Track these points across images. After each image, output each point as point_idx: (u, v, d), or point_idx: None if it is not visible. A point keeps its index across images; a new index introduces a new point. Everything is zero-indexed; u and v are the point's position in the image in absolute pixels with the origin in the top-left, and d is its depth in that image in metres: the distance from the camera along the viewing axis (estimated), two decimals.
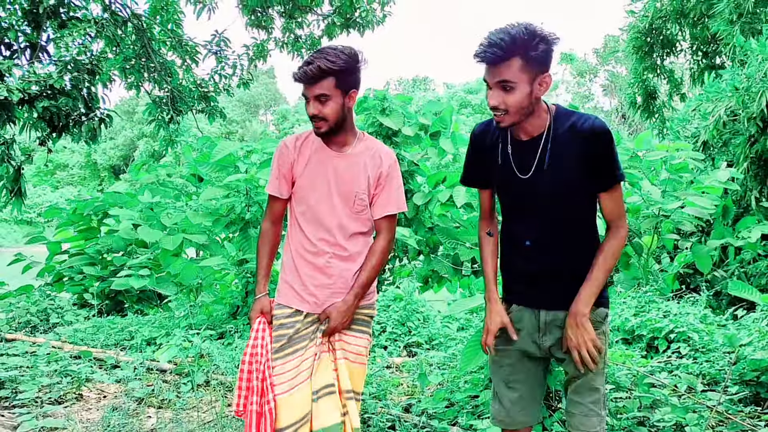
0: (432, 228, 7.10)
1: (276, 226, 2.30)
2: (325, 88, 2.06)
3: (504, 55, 1.73)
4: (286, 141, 2.25)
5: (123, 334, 5.38)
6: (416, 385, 3.86)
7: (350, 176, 2.18)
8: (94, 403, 3.98)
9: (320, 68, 2.03)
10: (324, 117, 2.09)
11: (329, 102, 2.08)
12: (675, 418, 2.83)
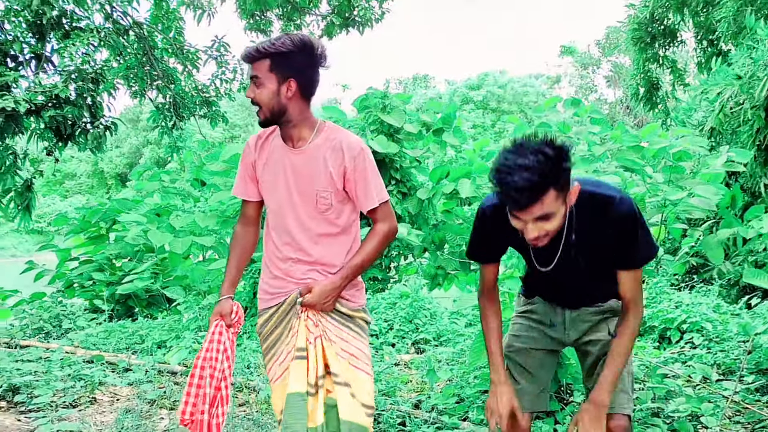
0: (436, 225, 7.11)
1: (248, 228, 2.18)
2: (258, 69, 1.93)
3: (536, 196, 1.60)
4: (249, 139, 2.13)
5: (134, 338, 5.42)
6: (425, 381, 3.85)
7: (308, 173, 1.99)
8: (107, 406, 4.01)
9: (257, 48, 1.92)
10: (258, 102, 1.96)
11: (262, 87, 1.93)
12: (690, 408, 2.81)
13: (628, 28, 8.61)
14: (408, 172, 6.72)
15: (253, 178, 2.09)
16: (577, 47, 41.03)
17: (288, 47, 1.91)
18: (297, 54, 1.92)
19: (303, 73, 1.96)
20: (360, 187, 1.98)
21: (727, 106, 6.78)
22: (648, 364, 3.25)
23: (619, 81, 35.72)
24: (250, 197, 2.12)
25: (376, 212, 2.02)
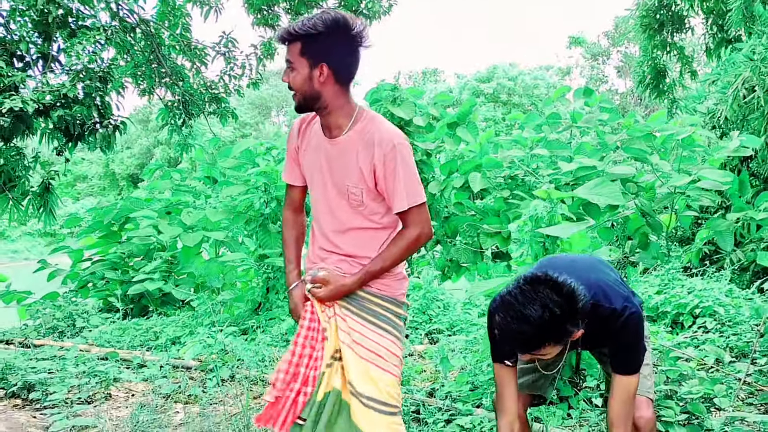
0: (448, 217, 7.10)
1: (297, 214, 2.13)
2: (291, 53, 1.84)
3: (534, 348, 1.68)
4: (294, 123, 2.07)
5: (148, 335, 5.47)
6: (439, 370, 3.85)
7: (341, 166, 1.90)
8: (122, 402, 4.05)
9: (288, 30, 1.83)
10: (292, 87, 1.88)
11: (295, 71, 1.85)
12: (703, 390, 2.79)
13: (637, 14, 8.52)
14: (419, 165, 6.71)
15: (297, 162, 2.04)
16: (585, 38, 40.67)
17: (319, 29, 1.79)
18: (329, 36, 1.80)
19: (337, 56, 1.83)
20: (390, 186, 1.85)
21: (740, 94, 6.69)
22: (661, 348, 3.23)
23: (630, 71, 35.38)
24: (295, 182, 2.07)
25: (407, 215, 1.88)
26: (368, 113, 1.94)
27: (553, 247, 3.38)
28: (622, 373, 1.79)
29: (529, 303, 1.59)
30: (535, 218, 3.41)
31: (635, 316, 1.77)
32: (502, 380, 1.93)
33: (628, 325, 1.77)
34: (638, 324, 1.79)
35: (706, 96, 8.41)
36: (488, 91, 37.16)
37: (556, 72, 42.87)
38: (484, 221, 6.46)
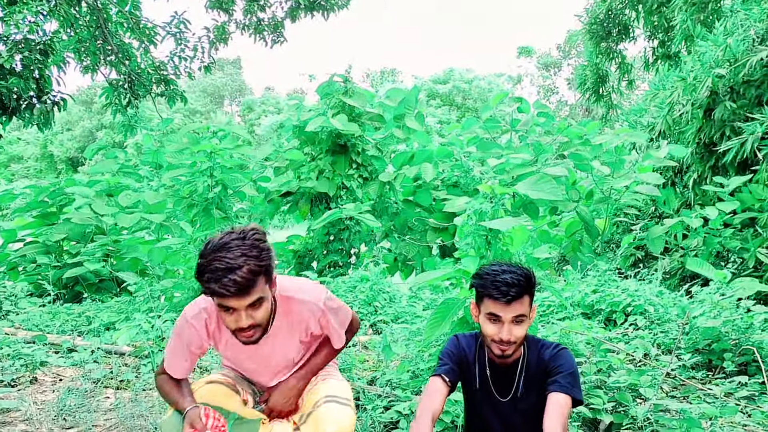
0: (397, 213, 7.16)
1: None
2: (259, 291, 1.75)
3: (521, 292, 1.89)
4: (193, 322, 1.97)
5: (80, 320, 5.23)
6: (381, 361, 3.88)
7: (279, 352, 2.05)
8: (49, 386, 3.86)
9: (251, 271, 1.70)
10: (259, 324, 1.82)
11: (264, 304, 1.80)
12: (630, 381, 2.92)
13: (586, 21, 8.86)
14: (369, 158, 6.72)
15: (195, 357, 2.03)
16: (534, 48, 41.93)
17: (270, 251, 1.80)
18: (271, 250, 1.84)
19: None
20: (327, 332, 2.12)
21: (675, 109, 7.08)
22: (593, 340, 3.37)
23: None
24: (183, 376, 2.04)
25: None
26: (278, 293, 1.95)
27: (495, 241, 3.46)
28: (559, 391, 1.88)
29: (504, 265, 1.95)
30: (479, 212, 3.48)
31: (568, 350, 2.01)
32: (433, 391, 1.97)
33: (561, 348, 2.00)
34: (571, 355, 1.99)
35: (647, 110, 8.84)
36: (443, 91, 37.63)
37: (507, 80, 43.93)
38: (430, 217, 6.56)
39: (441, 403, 1.96)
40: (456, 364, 2.04)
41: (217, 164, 5.67)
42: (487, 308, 1.90)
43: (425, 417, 1.87)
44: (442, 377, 2.00)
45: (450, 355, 2.06)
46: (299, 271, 6.96)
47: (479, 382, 2.03)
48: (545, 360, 1.96)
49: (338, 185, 6.46)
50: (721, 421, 2.62)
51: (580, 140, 6.00)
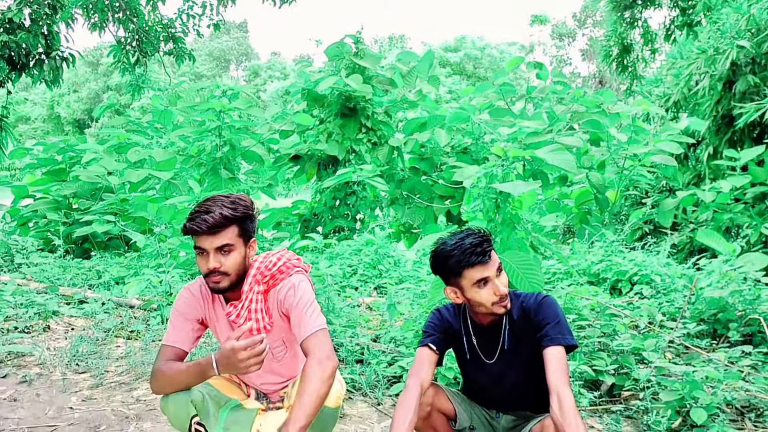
0: (403, 180, 7.13)
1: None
2: (229, 237, 1.87)
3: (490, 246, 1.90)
4: (191, 291, 2.04)
5: (90, 274, 5.31)
6: (385, 320, 3.92)
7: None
8: (61, 334, 3.95)
9: (223, 215, 1.84)
10: (225, 271, 1.88)
11: (233, 253, 1.88)
12: (633, 345, 2.95)
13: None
14: (378, 122, 6.67)
15: (197, 330, 2.03)
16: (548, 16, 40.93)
17: (249, 210, 1.92)
18: (253, 215, 1.95)
19: (256, 232, 2.01)
20: (294, 316, 1.96)
21: (691, 80, 6.95)
22: (597, 305, 3.39)
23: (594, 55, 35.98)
24: (184, 347, 2.01)
25: (310, 340, 1.92)
26: (261, 267, 2.00)
27: (504, 205, 3.46)
28: (552, 344, 1.87)
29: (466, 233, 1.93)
30: (490, 175, 3.47)
31: (550, 297, 1.98)
32: (421, 359, 2.00)
33: (542, 297, 1.97)
34: (553, 299, 1.96)
35: (663, 81, 8.68)
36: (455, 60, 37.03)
37: (519, 49, 43.16)
38: (437, 185, 6.53)
39: (429, 372, 1.97)
40: (441, 333, 2.05)
41: (225, 124, 5.65)
42: (473, 278, 1.88)
43: (413, 387, 1.90)
44: (428, 346, 2.01)
45: (434, 326, 2.06)
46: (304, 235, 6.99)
47: (468, 350, 2.05)
48: (529, 311, 1.95)
49: (347, 149, 6.43)
50: (723, 386, 2.65)
51: (597, 109, 5.90)
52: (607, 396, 2.86)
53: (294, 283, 1.98)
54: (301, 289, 1.96)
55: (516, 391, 2.03)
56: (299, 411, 1.74)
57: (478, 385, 2.10)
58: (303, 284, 1.99)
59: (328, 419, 1.96)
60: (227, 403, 1.96)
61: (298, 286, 1.97)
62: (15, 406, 2.95)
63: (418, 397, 1.88)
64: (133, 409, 2.92)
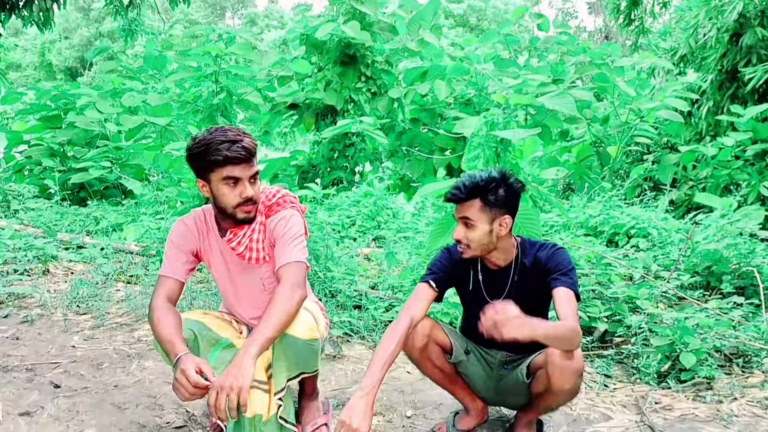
0: (403, 132, 7.06)
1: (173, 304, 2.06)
2: (256, 165, 1.93)
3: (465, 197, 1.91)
4: (187, 223, 2.06)
5: (88, 220, 5.31)
6: (383, 270, 3.96)
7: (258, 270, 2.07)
8: (61, 277, 3.98)
9: (253, 143, 1.88)
10: (256, 200, 1.93)
11: (258, 181, 1.93)
12: (627, 293, 2.99)
13: None
14: (378, 71, 6.54)
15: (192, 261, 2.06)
16: None
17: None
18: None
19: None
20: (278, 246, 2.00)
21: (698, 32, 6.79)
22: (593, 256, 3.42)
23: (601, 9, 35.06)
24: (181, 278, 2.02)
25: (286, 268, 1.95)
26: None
27: (505, 154, 3.43)
28: (563, 286, 1.87)
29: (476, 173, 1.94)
30: (491, 123, 3.43)
31: (564, 249, 2.00)
32: (418, 295, 2.01)
33: (557, 247, 1.98)
34: (567, 254, 1.97)
35: (671, 33, 8.49)
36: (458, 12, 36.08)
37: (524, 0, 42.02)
38: (438, 137, 6.47)
39: (423, 308, 1.98)
40: (445, 272, 2.05)
41: (222, 69, 5.53)
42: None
43: (404, 319, 1.92)
44: (428, 283, 2.02)
45: (439, 264, 2.07)
46: (302, 186, 6.97)
47: (472, 284, 2.07)
48: (542, 261, 1.95)
49: (346, 98, 6.33)
50: (713, 333, 2.70)
51: (602, 62, 5.79)
52: (599, 342, 2.92)
53: (286, 215, 2.01)
54: (292, 222, 2.00)
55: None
56: (265, 323, 1.78)
57: (472, 322, 2.09)
58: (294, 218, 2.02)
59: (302, 352, 1.92)
60: (218, 342, 1.98)
61: (290, 218, 2.00)
62: (17, 344, 3.00)
63: (406, 329, 1.90)
64: (135, 348, 2.97)
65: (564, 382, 1.80)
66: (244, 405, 1.68)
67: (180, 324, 1.89)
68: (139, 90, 6.28)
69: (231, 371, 1.69)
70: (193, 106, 5.53)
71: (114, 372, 2.72)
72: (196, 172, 1.92)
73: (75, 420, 2.29)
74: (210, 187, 1.90)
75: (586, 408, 2.39)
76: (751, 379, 2.57)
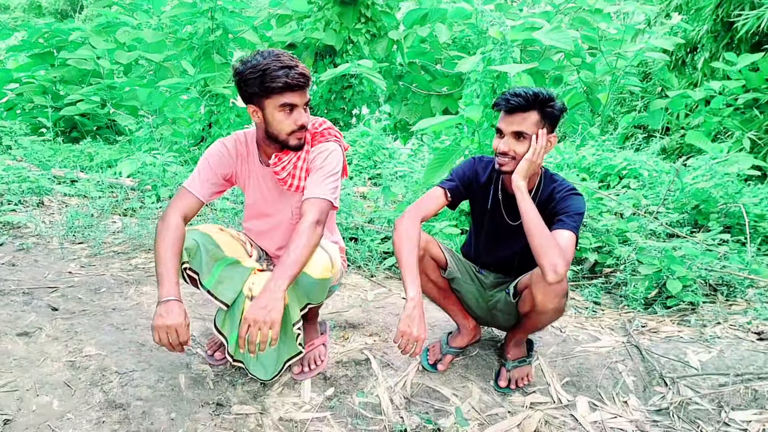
0: (401, 75, 6.97)
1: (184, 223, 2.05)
2: (308, 93, 1.90)
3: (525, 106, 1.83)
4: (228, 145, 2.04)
5: (82, 157, 5.27)
6: (379, 207, 3.99)
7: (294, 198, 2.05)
8: (56, 209, 3.98)
9: (307, 70, 1.86)
10: (307, 127, 1.91)
11: (308, 109, 1.92)
12: (617, 226, 3.04)
13: None
14: (378, 13, 6.40)
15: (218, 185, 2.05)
16: None
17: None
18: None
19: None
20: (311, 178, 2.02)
21: None
22: (587, 189, 3.45)
23: None
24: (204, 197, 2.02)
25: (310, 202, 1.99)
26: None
27: (501, 88, 3.41)
28: (565, 228, 1.86)
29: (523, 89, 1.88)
30: (488, 59, 3.39)
31: (582, 195, 1.97)
32: (431, 196, 2.03)
33: (576, 196, 1.94)
34: (582, 200, 1.94)
35: None
36: None
37: None
38: (437, 80, 6.39)
39: (434, 209, 2.00)
40: (464, 185, 2.05)
41: (218, 6, 5.39)
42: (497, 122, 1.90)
43: (414, 217, 1.94)
44: (444, 189, 2.03)
45: (461, 174, 2.06)
46: None
47: (491, 203, 2.06)
48: (556, 198, 1.94)
49: (345, 39, 6.21)
50: (699, 263, 2.76)
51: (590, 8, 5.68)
52: (588, 272, 2.99)
53: (329, 148, 1.98)
54: (332, 157, 1.97)
55: (515, 258, 2.09)
56: (289, 259, 1.79)
57: (482, 240, 2.13)
58: (335, 153, 1.99)
59: (313, 288, 1.95)
60: (223, 259, 1.99)
61: (331, 153, 1.98)
62: (14, 270, 3.02)
63: (419, 229, 1.93)
64: (132, 275, 3.01)
65: (548, 302, 1.85)
66: (275, 339, 1.71)
67: (179, 252, 1.87)
68: (134, 26, 6.12)
69: (261, 304, 1.71)
70: (188, 43, 5.41)
71: (112, 296, 2.76)
72: (248, 98, 1.86)
73: (74, 339, 2.32)
74: (263, 113, 1.86)
75: (575, 330, 2.47)
76: (734, 307, 2.66)
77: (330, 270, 1.97)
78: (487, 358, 2.31)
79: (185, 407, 2.01)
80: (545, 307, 1.85)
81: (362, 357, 2.28)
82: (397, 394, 2.13)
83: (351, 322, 2.56)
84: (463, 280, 2.16)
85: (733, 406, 2.01)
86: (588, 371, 2.22)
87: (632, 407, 2.08)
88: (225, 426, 1.96)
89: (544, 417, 2.04)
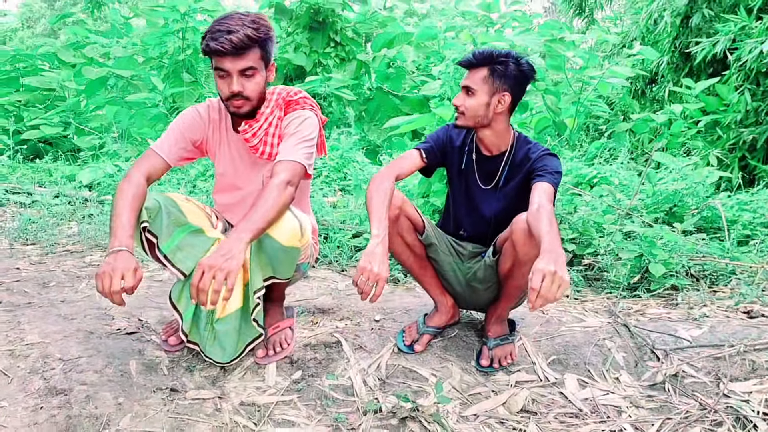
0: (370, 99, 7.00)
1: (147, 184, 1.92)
2: (252, 59, 1.76)
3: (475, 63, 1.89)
4: (201, 112, 1.96)
5: (41, 173, 5.05)
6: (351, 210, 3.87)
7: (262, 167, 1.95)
8: (9, 217, 3.75)
9: (247, 35, 1.71)
10: (248, 95, 1.80)
11: (255, 76, 1.79)
12: (594, 217, 2.99)
13: None
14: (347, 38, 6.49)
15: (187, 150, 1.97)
16: None
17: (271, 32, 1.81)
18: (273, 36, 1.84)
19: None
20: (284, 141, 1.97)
21: (651, 19, 7.05)
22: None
23: None
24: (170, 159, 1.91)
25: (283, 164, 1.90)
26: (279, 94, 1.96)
27: None
28: (546, 182, 1.82)
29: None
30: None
31: (557, 155, 1.97)
32: (406, 157, 1.99)
33: (552, 156, 1.93)
34: (558, 159, 1.93)
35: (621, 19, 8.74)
36: None
37: None
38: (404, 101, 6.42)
39: (408, 169, 1.97)
40: (438, 146, 2.03)
41: (189, 27, 5.38)
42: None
43: (389, 169, 1.90)
44: (420, 150, 2.01)
45: (435, 138, 2.05)
46: None
47: (465, 164, 2.02)
48: (531, 158, 1.91)
49: (315, 61, 6.25)
50: (680, 251, 2.71)
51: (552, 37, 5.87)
52: (568, 264, 2.90)
53: (303, 115, 1.90)
54: (307, 123, 1.89)
55: (491, 223, 2.02)
56: (255, 213, 1.67)
57: (458, 206, 2.08)
58: (310, 120, 1.90)
59: (278, 256, 1.82)
60: (185, 225, 1.85)
61: (306, 120, 1.89)
62: None
63: (393, 180, 1.86)
64: (85, 271, 2.81)
65: (530, 248, 1.74)
66: (230, 290, 1.56)
67: (138, 208, 1.73)
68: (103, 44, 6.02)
69: (221, 252, 1.58)
70: (158, 61, 5.35)
71: (62, 290, 2.56)
72: None
73: (16, 330, 2.11)
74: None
75: (558, 313, 2.36)
76: (719, 294, 2.59)
77: (299, 239, 1.83)
78: (467, 339, 2.18)
79: (135, 393, 1.82)
80: (527, 255, 1.75)
81: (333, 340, 2.12)
82: (370, 375, 1.97)
83: (320, 308, 2.41)
84: (440, 248, 2.05)
85: (732, 378, 1.91)
86: (575, 349, 2.10)
87: (624, 383, 1.96)
88: (179, 411, 1.77)
89: (530, 395, 1.91)
